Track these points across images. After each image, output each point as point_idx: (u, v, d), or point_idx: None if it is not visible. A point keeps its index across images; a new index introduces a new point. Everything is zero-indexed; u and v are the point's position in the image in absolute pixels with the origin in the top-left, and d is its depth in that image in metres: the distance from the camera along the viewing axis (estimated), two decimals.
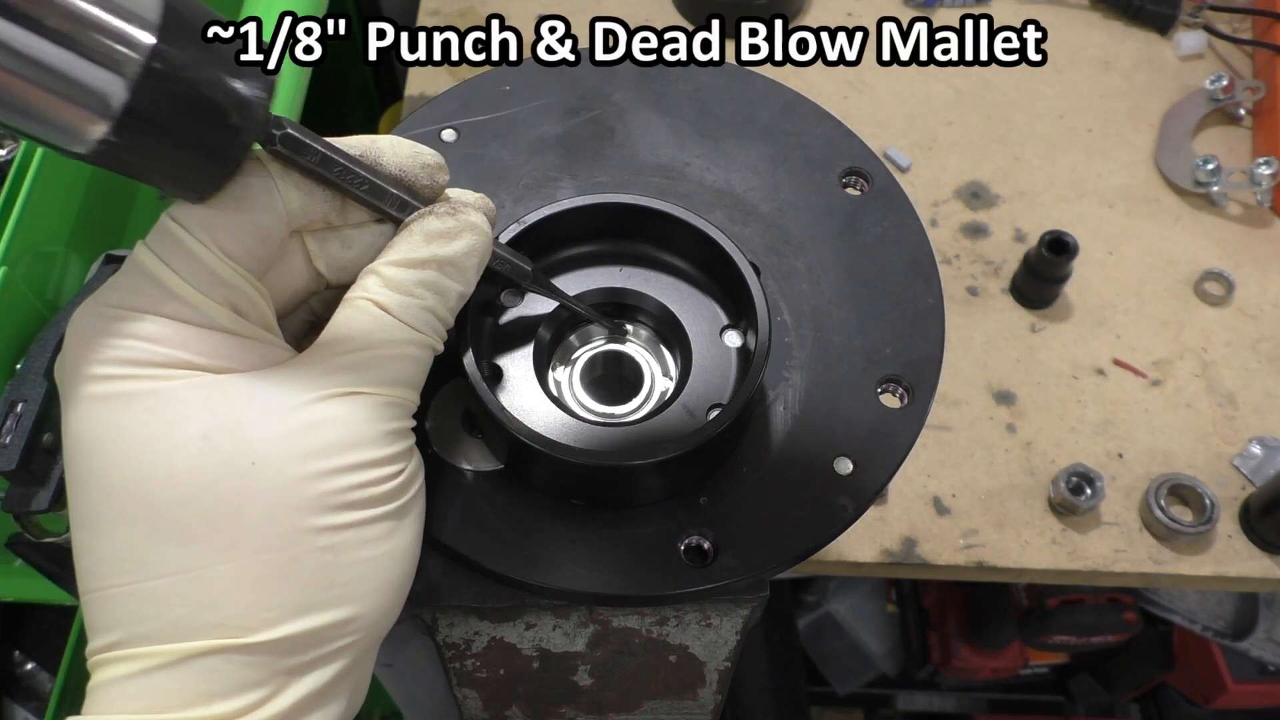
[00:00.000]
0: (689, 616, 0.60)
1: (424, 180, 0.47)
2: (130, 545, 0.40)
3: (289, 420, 0.41)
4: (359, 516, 0.42)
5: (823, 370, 0.57)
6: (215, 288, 0.41)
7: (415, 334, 0.45)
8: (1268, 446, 1.03)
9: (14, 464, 0.56)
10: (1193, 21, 1.31)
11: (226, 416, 0.40)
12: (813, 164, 0.64)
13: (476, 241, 0.47)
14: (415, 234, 0.46)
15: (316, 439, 0.41)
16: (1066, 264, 1.07)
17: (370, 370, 0.43)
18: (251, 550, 0.40)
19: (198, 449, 0.40)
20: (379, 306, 0.44)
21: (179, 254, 0.41)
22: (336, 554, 0.41)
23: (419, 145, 0.47)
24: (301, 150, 0.43)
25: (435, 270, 0.45)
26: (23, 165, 0.64)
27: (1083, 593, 1.57)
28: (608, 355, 0.60)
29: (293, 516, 0.40)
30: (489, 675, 0.62)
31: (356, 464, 0.42)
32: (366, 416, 0.42)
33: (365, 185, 0.45)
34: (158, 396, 0.40)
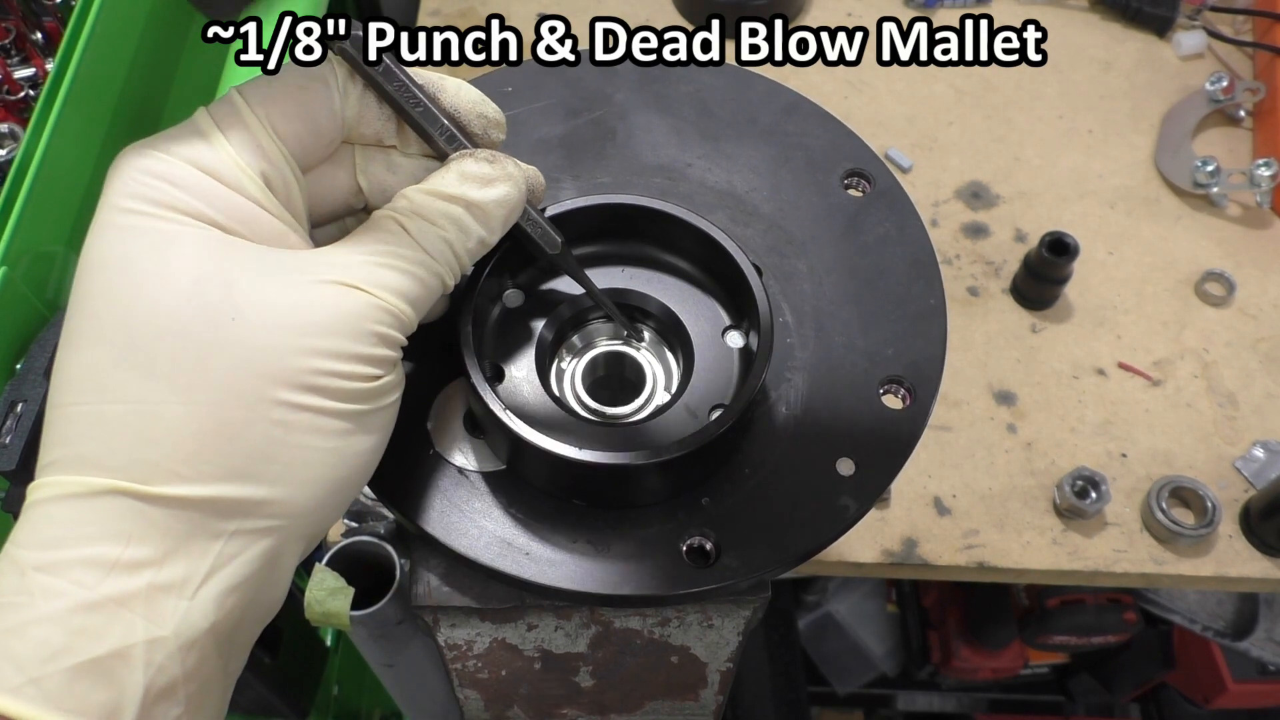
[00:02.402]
0: (690, 617, 0.60)
1: (476, 127, 0.49)
2: (96, 366, 0.40)
3: (281, 291, 0.41)
4: (320, 403, 0.42)
5: (825, 371, 0.57)
6: (255, 157, 0.43)
7: (426, 257, 0.45)
8: (1270, 450, 1.03)
9: (14, 464, 0.56)
10: (1191, 24, 1.31)
11: (222, 270, 0.41)
12: (814, 165, 0.64)
13: (508, 193, 0.48)
14: (452, 170, 0.47)
15: (301, 315, 0.41)
16: (1067, 265, 1.07)
17: (374, 272, 0.44)
18: (207, 400, 0.40)
19: (185, 290, 0.40)
20: (399, 224, 0.45)
21: (231, 118, 0.43)
22: (287, 431, 0.41)
23: (483, 97, 0.49)
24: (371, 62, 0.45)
25: (462, 208, 0.46)
26: (23, 165, 0.64)
27: (1083, 593, 1.57)
28: (609, 356, 0.59)
29: (257, 381, 0.40)
30: (490, 676, 0.62)
31: (333, 351, 0.42)
32: (357, 311, 0.43)
33: (420, 108, 0.47)
34: (165, 236, 0.41)
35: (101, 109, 0.73)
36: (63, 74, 0.67)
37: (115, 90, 0.74)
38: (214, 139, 0.43)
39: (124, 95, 0.75)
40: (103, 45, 0.71)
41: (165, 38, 0.81)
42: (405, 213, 0.46)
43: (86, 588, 0.39)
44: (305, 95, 0.45)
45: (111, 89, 0.74)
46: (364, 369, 0.43)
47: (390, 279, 0.44)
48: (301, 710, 1.15)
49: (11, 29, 0.85)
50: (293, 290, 0.42)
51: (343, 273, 0.43)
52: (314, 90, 0.45)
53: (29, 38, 0.86)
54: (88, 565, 0.39)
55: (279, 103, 0.44)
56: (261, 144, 0.43)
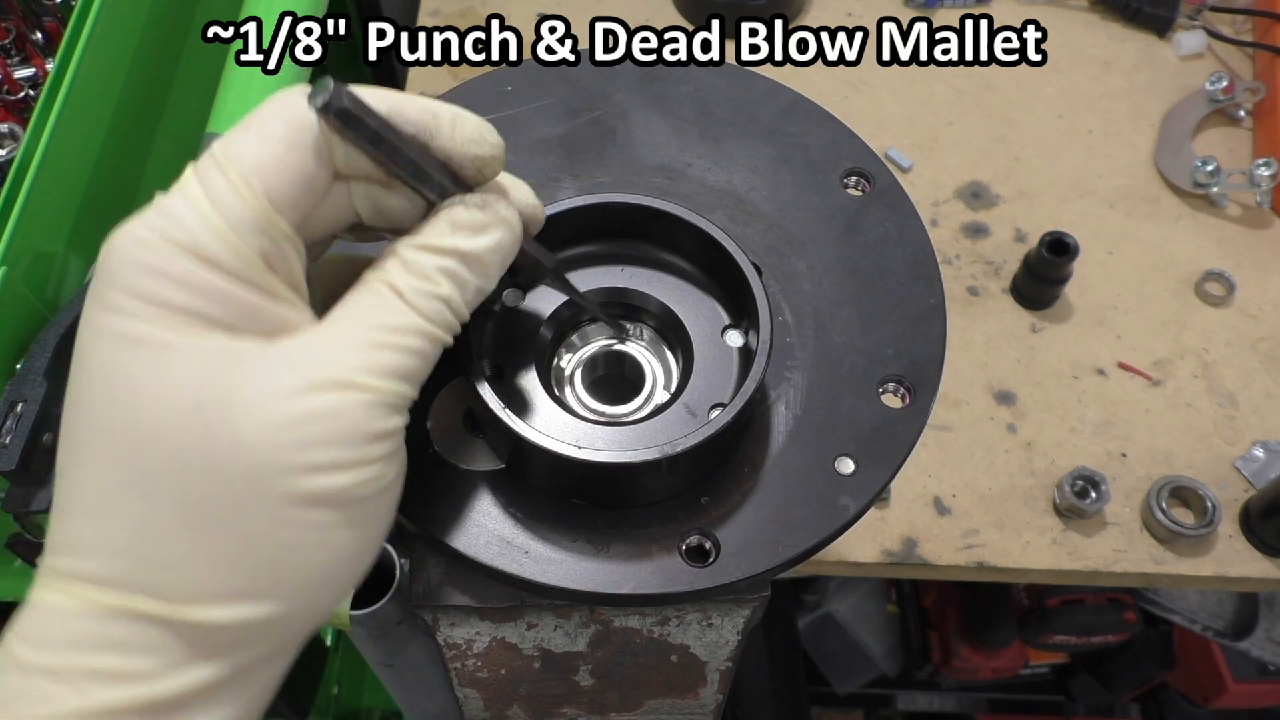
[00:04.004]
0: (690, 616, 0.60)
1: (470, 171, 0.46)
2: (101, 486, 0.40)
3: (280, 408, 0.41)
4: (325, 517, 0.42)
5: (824, 370, 0.57)
6: (255, 235, 0.41)
7: (424, 323, 0.44)
8: (1270, 450, 1.03)
9: (14, 464, 0.56)
10: (1191, 24, 1.31)
11: (223, 392, 0.40)
12: (814, 164, 0.64)
13: (502, 238, 0.46)
14: (442, 220, 0.45)
15: (302, 432, 0.41)
16: (1067, 265, 1.07)
17: (371, 359, 0.42)
18: (213, 526, 0.40)
19: (187, 418, 0.40)
20: (392, 289, 0.44)
21: (227, 192, 0.41)
22: (292, 550, 0.41)
23: (484, 129, 0.46)
24: (355, 124, 0.42)
25: (456, 260, 0.45)
26: (23, 165, 0.64)
27: (1083, 593, 1.58)
28: (609, 355, 0.60)
29: (261, 505, 0.40)
30: (490, 675, 0.62)
31: (336, 463, 0.41)
32: (358, 415, 0.42)
33: (409, 167, 0.44)
34: (166, 350, 0.40)
35: (101, 109, 0.73)
36: (63, 74, 0.67)
37: (115, 90, 0.74)
38: (211, 221, 0.41)
39: (124, 95, 0.75)
40: (103, 45, 0.71)
41: (165, 38, 0.81)
42: (398, 273, 0.44)
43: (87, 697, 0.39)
44: (296, 155, 0.42)
45: (111, 89, 0.74)
46: (365, 473, 0.42)
47: (387, 362, 0.43)
48: (301, 710, 1.15)
49: (11, 29, 0.85)
50: (291, 404, 0.41)
51: (339, 370, 0.42)
52: (304, 147, 0.43)
53: (29, 38, 0.86)
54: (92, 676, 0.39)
55: (271, 166, 0.42)
56: (260, 221, 0.41)
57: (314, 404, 0.41)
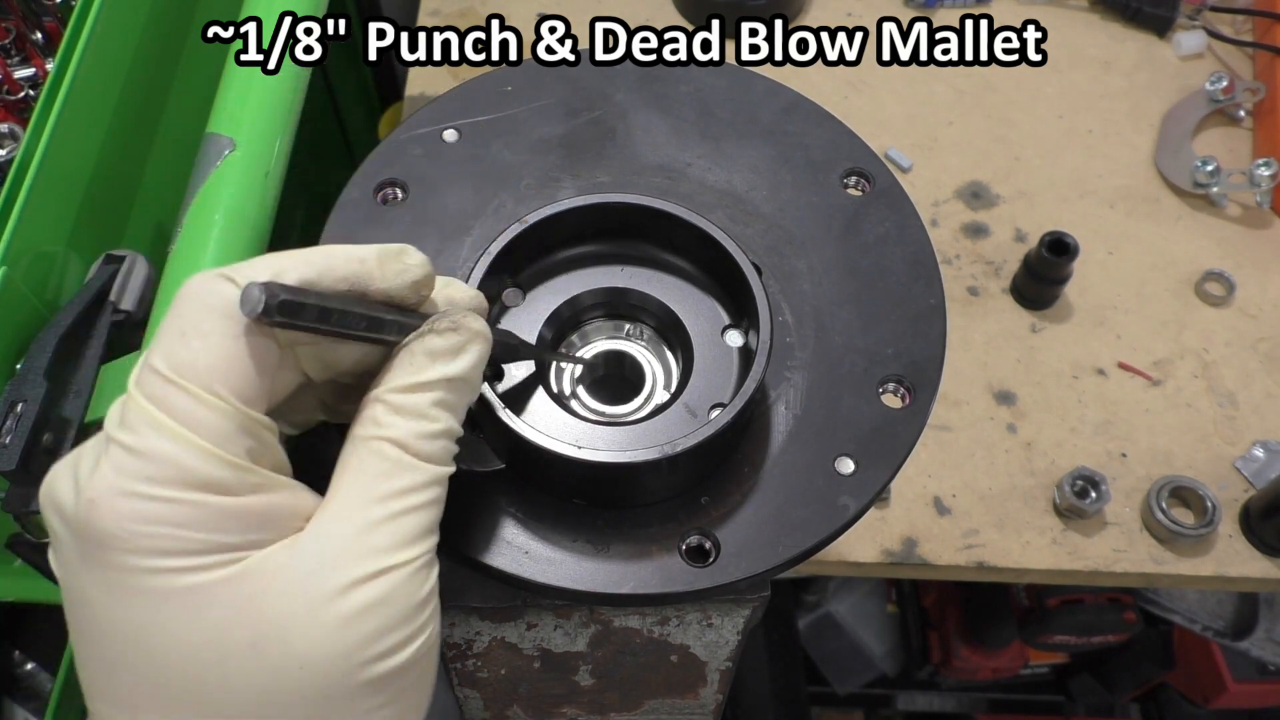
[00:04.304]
0: (690, 616, 0.60)
1: (411, 298, 0.45)
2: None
3: (330, 616, 0.40)
4: (394, 690, 0.42)
5: (824, 370, 0.57)
6: (238, 440, 0.40)
7: (435, 469, 0.43)
8: (1270, 450, 1.03)
9: (14, 464, 0.56)
10: (1191, 24, 1.31)
11: (272, 620, 0.40)
12: (814, 164, 0.64)
13: (483, 351, 0.46)
14: (418, 354, 0.44)
15: (358, 632, 0.40)
16: (1067, 265, 1.07)
17: (399, 532, 0.42)
18: None
19: (248, 657, 0.40)
20: (395, 444, 0.42)
21: (197, 409, 0.39)
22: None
23: (404, 254, 0.44)
24: (296, 314, 0.40)
25: (444, 389, 0.44)
26: (23, 165, 0.64)
27: (1083, 593, 1.57)
28: (609, 355, 0.60)
29: (337, 710, 0.41)
30: (490, 675, 0.62)
31: (394, 645, 0.41)
32: (403, 592, 0.41)
33: (363, 322, 0.42)
34: (200, 596, 0.39)
35: (101, 109, 0.73)
36: (63, 74, 0.67)
37: (115, 90, 0.74)
38: (196, 445, 0.39)
39: (124, 95, 0.75)
40: (103, 45, 0.71)
41: (165, 38, 0.81)
42: (393, 424, 0.42)
43: None
44: (241, 345, 0.40)
45: (111, 89, 0.74)
46: (418, 643, 0.42)
47: (412, 527, 0.42)
48: None
49: (11, 29, 0.85)
50: (338, 607, 0.40)
51: (372, 555, 0.41)
52: (244, 335, 0.40)
53: (29, 38, 0.86)
54: None
55: (224, 366, 0.40)
56: (240, 425, 0.40)
57: (361, 599, 0.40)
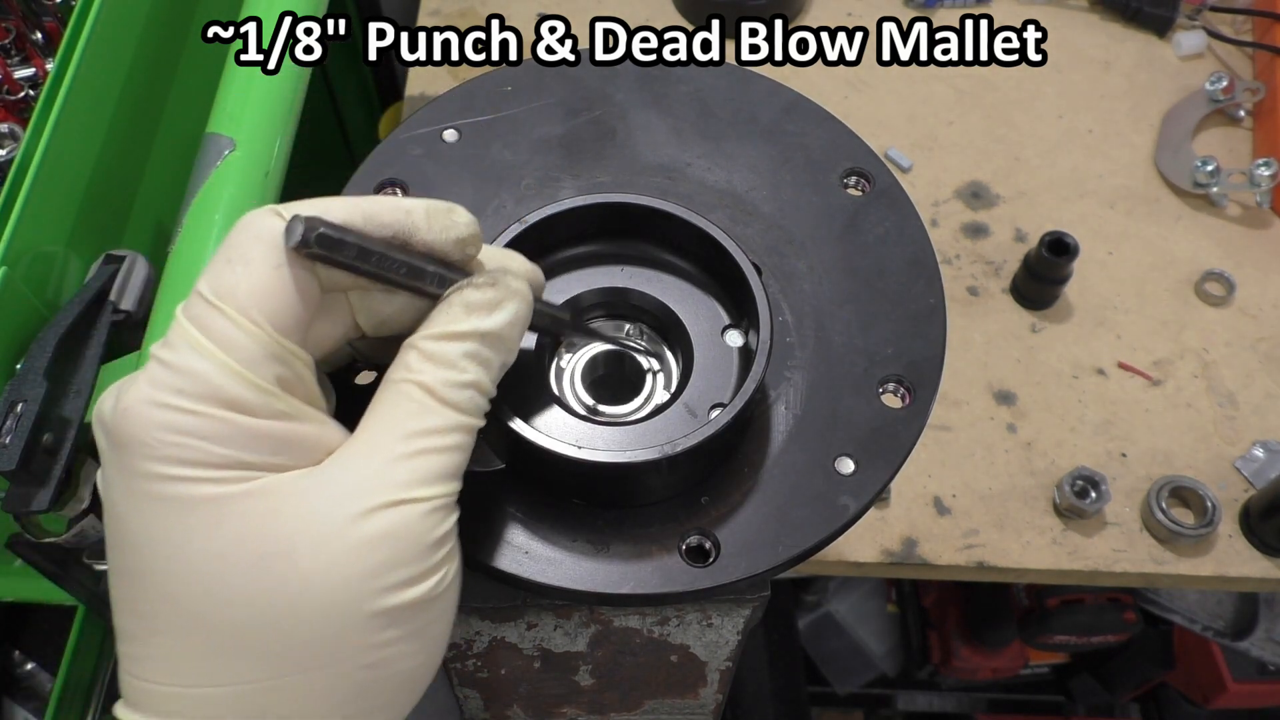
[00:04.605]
0: (690, 616, 0.60)
1: (455, 254, 0.46)
2: (183, 652, 0.41)
3: (340, 542, 0.41)
4: (402, 631, 0.42)
5: (824, 370, 0.57)
6: (268, 365, 0.41)
7: (461, 417, 0.43)
8: (1271, 450, 1.03)
9: (14, 464, 0.56)
10: (1191, 24, 1.31)
11: (282, 539, 0.40)
12: (814, 164, 0.64)
13: (519, 310, 0.46)
14: (455, 305, 0.44)
15: (366, 561, 0.41)
16: (1067, 265, 1.07)
17: (418, 468, 0.42)
18: (297, 670, 0.41)
19: (253, 572, 0.40)
20: (422, 388, 0.43)
21: (232, 330, 0.40)
22: (376, 669, 0.42)
23: (452, 212, 0.46)
24: (336, 250, 0.41)
25: (477, 342, 0.44)
26: (23, 165, 0.64)
27: (1083, 593, 1.57)
28: (609, 355, 0.60)
29: (339, 638, 0.41)
30: (490, 675, 0.62)
31: (404, 581, 0.41)
32: (416, 529, 0.42)
33: (403, 269, 0.43)
34: (218, 508, 0.40)
35: (101, 109, 0.73)
36: (63, 74, 0.67)
37: (115, 90, 0.74)
38: (227, 365, 0.40)
39: (124, 95, 0.75)
40: (103, 45, 0.71)
41: (165, 38, 0.81)
42: (423, 368, 0.43)
43: None
44: (283, 275, 0.41)
45: (111, 89, 0.74)
46: (432, 581, 0.43)
47: (434, 466, 0.42)
48: None
49: (11, 29, 0.85)
50: (349, 534, 0.41)
51: (388, 488, 0.41)
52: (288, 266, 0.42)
53: (29, 38, 0.86)
54: None
55: (263, 293, 0.41)
56: (271, 351, 0.41)
57: (372, 529, 0.41)
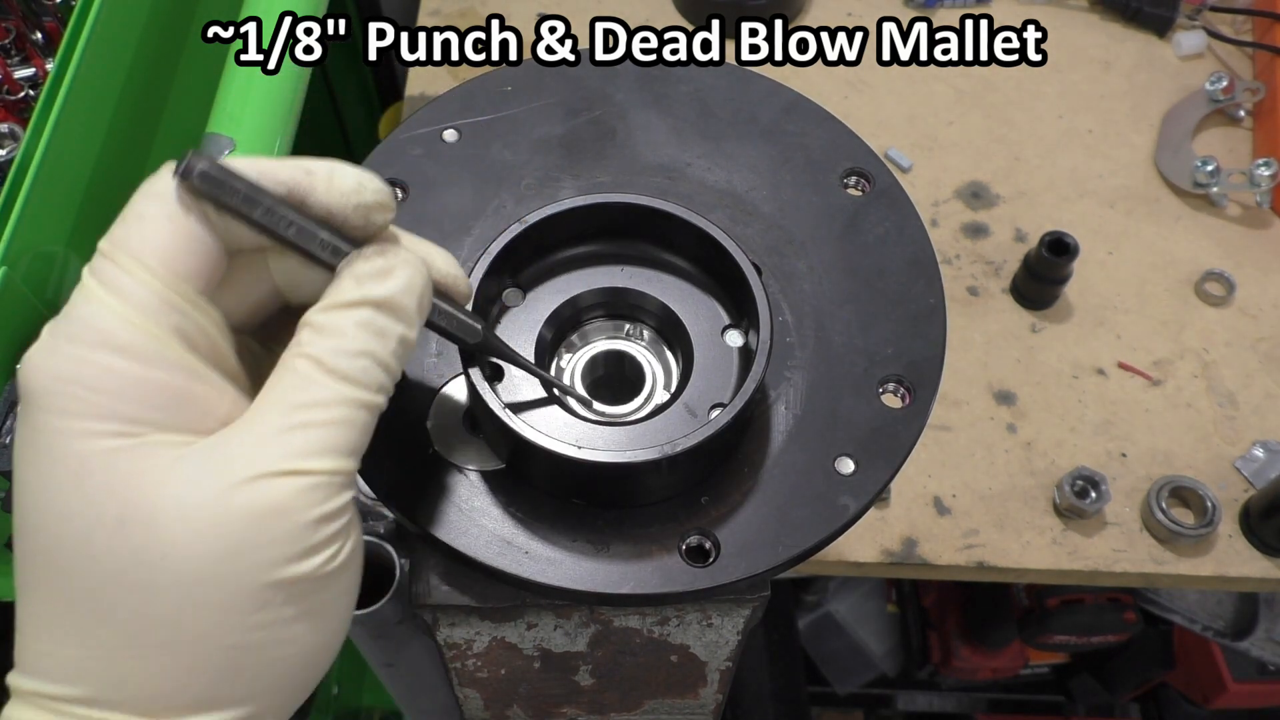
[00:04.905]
0: (690, 616, 0.60)
1: (356, 221, 0.44)
2: (50, 610, 0.40)
3: (206, 511, 0.39)
4: (279, 614, 0.40)
5: (824, 370, 0.57)
6: (164, 312, 0.40)
7: (352, 389, 0.42)
8: (1271, 450, 1.03)
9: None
10: (1191, 24, 1.31)
11: (143, 505, 0.39)
12: (814, 164, 0.64)
13: (412, 278, 0.44)
14: (345, 278, 0.43)
15: (233, 535, 0.39)
16: (1067, 265, 1.07)
17: (298, 442, 0.40)
18: (159, 640, 0.39)
19: (111, 534, 0.39)
20: (310, 360, 0.41)
21: (122, 277, 0.40)
22: (248, 652, 0.40)
23: (364, 177, 0.44)
24: (219, 188, 0.41)
25: (371, 310, 0.42)
26: (23, 165, 0.64)
27: (1083, 593, 1.57)
28: (609, 354, 0.60)
29: (202, 613, 0.39)
30: (490, 675, 0.62)
31: (277, 559, 0.40)
32: (292, 504, 0.40)
33: (291, 227, 0.42)
34: (84, 463, 0.39)
35: (101, 109, 0.73)
36: (63, 74, 0.67)
37: (115, 90, 0.74)
38: (116, 310, 0.39)
39: (124, 95, 0.75)
40: (103, 45, 0.71)
41: (165, 38, 0.81)
42: (312, 341, 0.42)
43: None
44: (178, 225, 0.41)
45: (111, 89, 0.74)
46: (313, 562, 0.40)
47: (317, 439, 0.40)
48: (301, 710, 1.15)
49: (11, 29, 0.85)
50: (218, 506, 0.39)
51: (265, 460, 0.39)
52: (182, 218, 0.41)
53: (29, 38, 0.86)
54: None
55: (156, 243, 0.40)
56: (165, 297, 0.40)
57: (243, 502, 0.39)
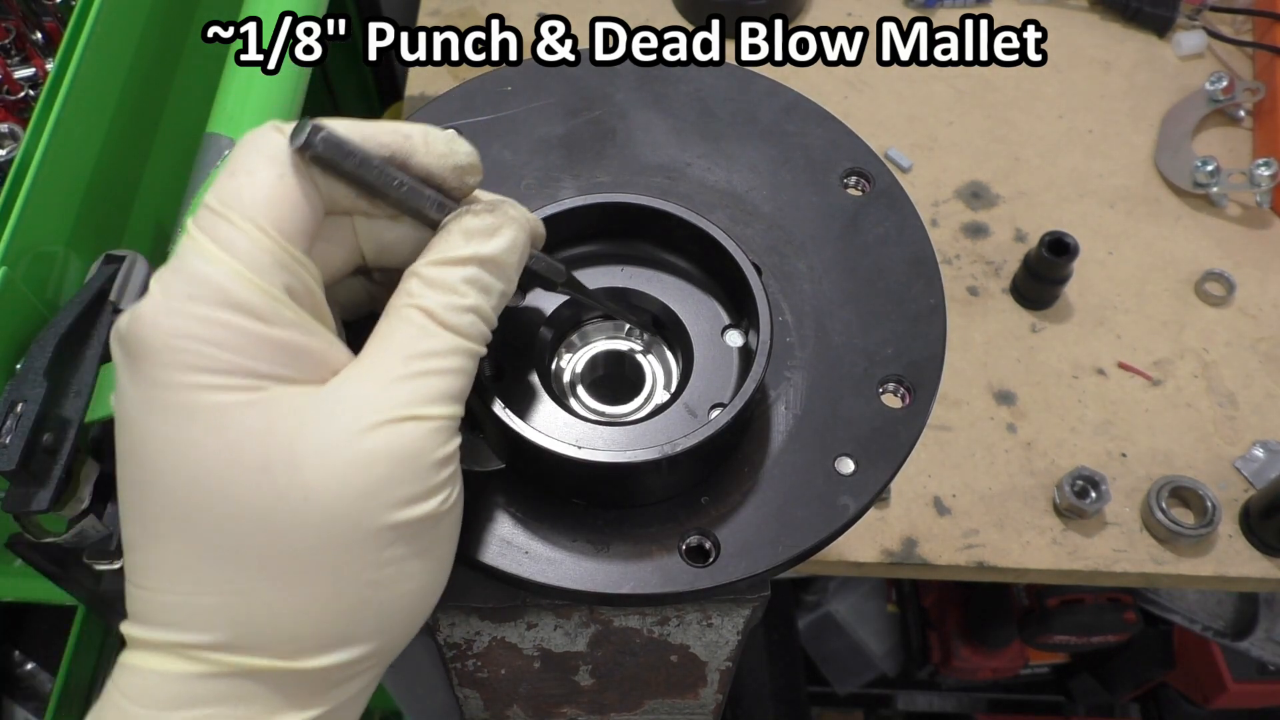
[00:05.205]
0: (690, 616, 0.60)
1: (454, 181, 0.46)
2: (184, 559, 0.41)
3: (343, 453, 0.41)
4: (405, 550, 0.43)
5: (824, 370, 0.57)
6: (275, 271, 0.41)
7: (461, 341, 0.44)
8: (1270, 450, 1.03)
9: (14, 464, 0.56)
10: (1191, 24, 1.31)
11: (285, 448, 0.41)
12: (814, 164, 0.64)
13: (517, 236, 0.47)
14: (454, 232, 0.45)
15: (369, 475, 0.41)
16: (1067, 265, 1.07)
17: (419, 388, 0.43)
18: (300, 581, 0.41)
19: (256, 480, 0.40)
20: (423, 312, 0.44)
21: (238, 236, 0.41)
22: (379, 588, 0.43)
23: (453, 140, 0.47)
24: (339, 155, 0.42)
25: (477, 267, 0.45)
26: (23, 165, 0.64)
27: (1083, 593, 1.58)
28: (609, 354, 0.60)
29: (341, 551, 0.41)
30: (490, 675, 0.62)
31: (408, 497, 0.42)
32: (418, 447, 0.42)
33: (403, 186, 0.44)
34: (221, 415, 0.40)
35: (101, 109, 0.73)
36: (63, 74, 0.67)
37: (115, 90, 0.74)
38: (234, 269, 0.41)
39: (124, 95, 0.75)
40: (103, 45, 0.71)
41: (165, 38, 0.81)
42: (424, 293, 0.44)
43: None
44: (287, 184, 0.42)
45: (111, 89, 0.74)
46: (434, 501, 0.43)
47: (435, 387, 0.43)
48: None
49: (11, 29, 0.85)
50: (352, 448, 0.41)
51: (391, 406, 0.42)
52: (291, 176, 0.43)
53: (29, 38, 0.86)
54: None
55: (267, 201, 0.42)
56: (278, 256, 0.41)
57: (374, 444, 0.41)
